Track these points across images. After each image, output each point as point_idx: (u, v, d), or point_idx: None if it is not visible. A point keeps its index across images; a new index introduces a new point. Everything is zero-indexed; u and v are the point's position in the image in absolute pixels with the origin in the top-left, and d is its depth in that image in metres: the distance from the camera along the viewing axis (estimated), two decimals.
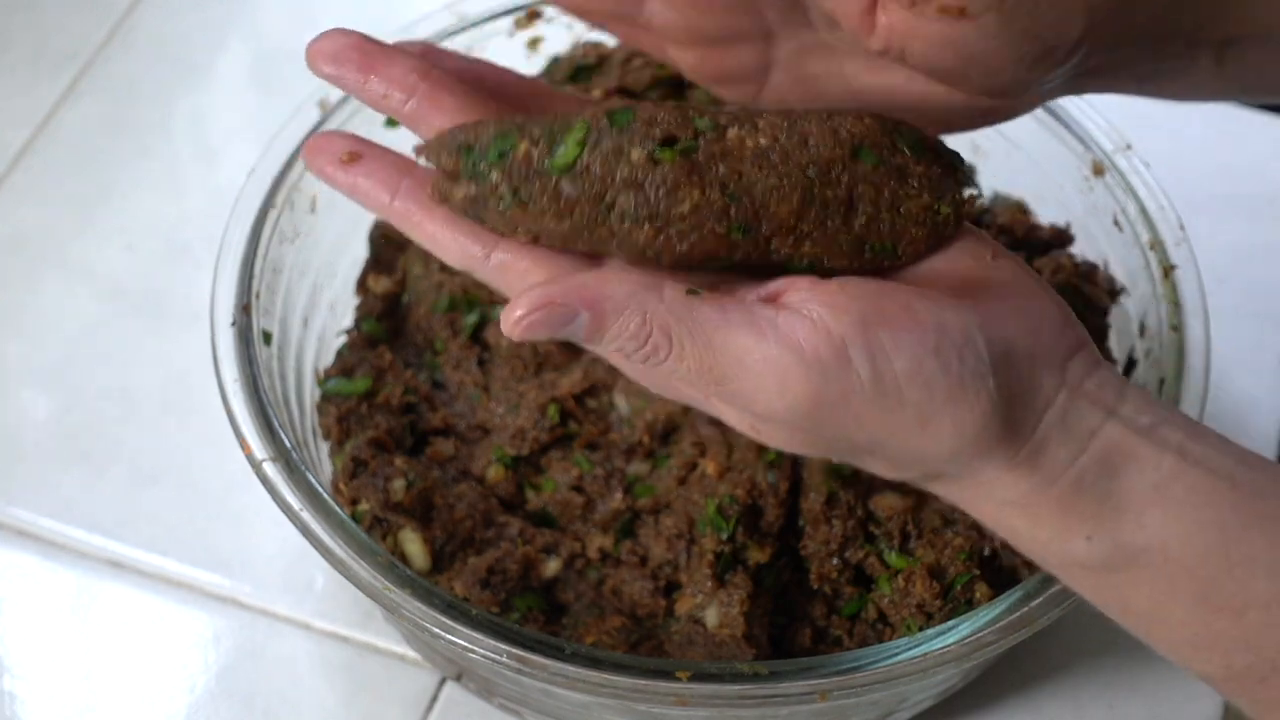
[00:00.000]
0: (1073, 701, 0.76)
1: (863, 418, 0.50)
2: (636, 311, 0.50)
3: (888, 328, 0.50)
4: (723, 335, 0.50)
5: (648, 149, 0.52)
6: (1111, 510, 0.52)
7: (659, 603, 0.70)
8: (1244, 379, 0.87)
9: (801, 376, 0.50)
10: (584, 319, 0.50)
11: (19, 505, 0.82)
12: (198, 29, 1.04)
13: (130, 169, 0.96)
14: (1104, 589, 0.53)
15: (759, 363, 0.50)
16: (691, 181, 0.52)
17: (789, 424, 0.51)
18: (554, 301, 0.50)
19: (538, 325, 0.50)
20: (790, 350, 0.50)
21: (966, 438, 0.51)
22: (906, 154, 0.54)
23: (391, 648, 0.78)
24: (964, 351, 0.51)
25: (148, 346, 0.88)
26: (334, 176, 0.54)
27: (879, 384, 0.50)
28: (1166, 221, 0.74)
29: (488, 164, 0.52)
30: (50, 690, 0.77)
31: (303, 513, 0.65)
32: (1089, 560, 0.52)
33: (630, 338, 0.50)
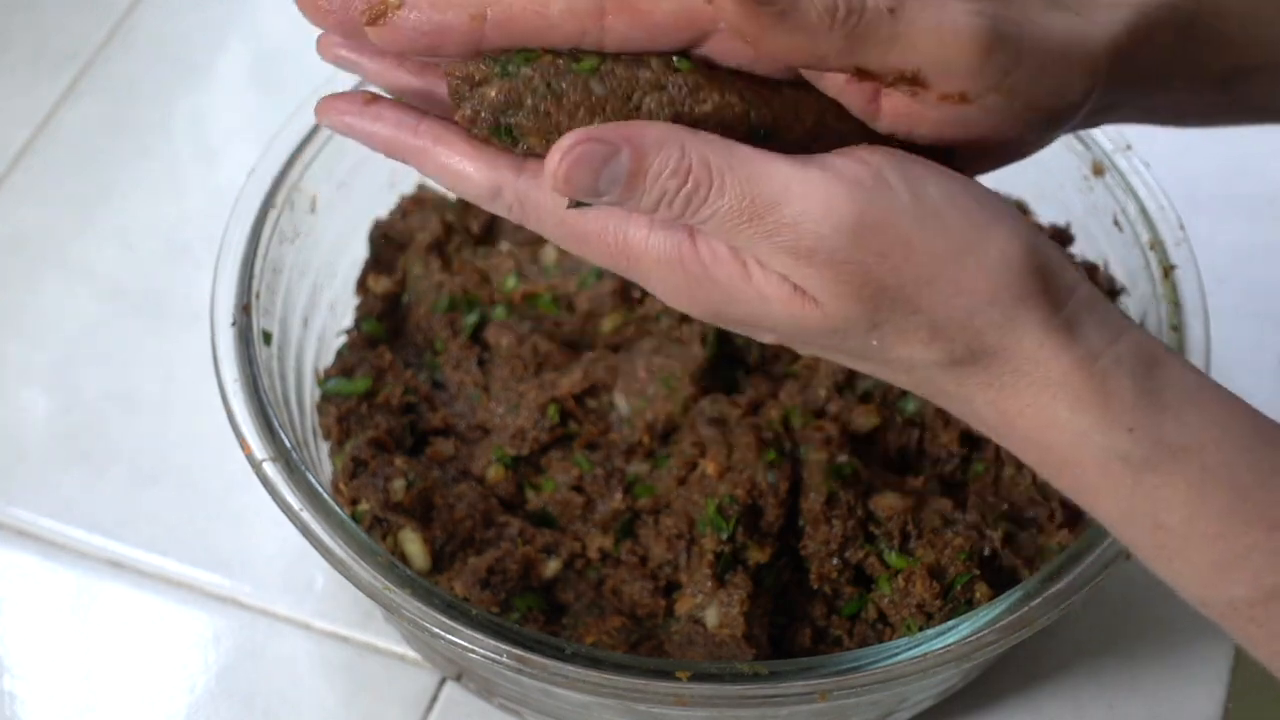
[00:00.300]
0: (1073, 701, 0.76)
1: (909, 240, 0.50)
2: (675, 145, 0.50)
3: (919, 164, 0.51)
4: (763, 165, 0.50)
5: (664, 58, 0.52)
6: (1152, 404, 0.51)
7: (659, 603, 0.70)
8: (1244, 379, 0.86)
9: (845, 194, 0.50)
10: (625, 156, 0.50)
11: (19, 505, 0.82)
12: (198, 29, 1.04)
13: (130, 169, 0.96)
14: (1139, 495, 0.52)
15: (802, 185, 0.50)
16: (711, 84, 0.52)
17: (835, 254, 0.50)
18: (594, 137, 0.50)
19: (580, 163, 0.50)
20: (832, 173, 0.50)
21: (1012, 269, 0.51)
22: None
23: (391, 648, 0.78)
24: (991, 196, 0.52)
25: (148, 346, 0.88)
26: (352, 124, 0.54)
27: (920, 204, 0.50)
28: (1166, 221, 0.74)
29: (517, 65, 0.52)
30: (50, 690, 0.77)
31: (303, 513, 0.65)
32: (1131, 454, 0.51)
33: (671, 174, 0.50)
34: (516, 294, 0.78)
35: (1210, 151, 0.98)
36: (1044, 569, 0.65)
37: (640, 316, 0.76)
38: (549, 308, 0.77)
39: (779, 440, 0.71)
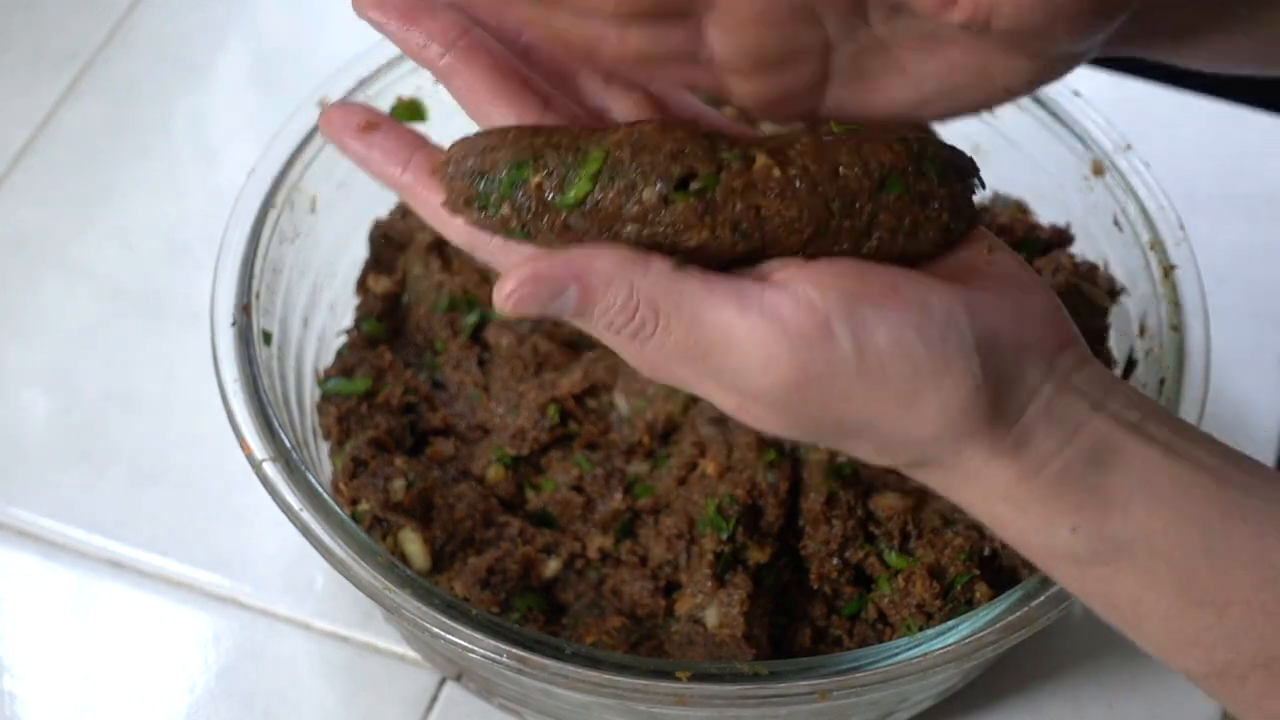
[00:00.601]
0: (1073, 701, 0.76)
1: (848, 393, 0.51)
2: (623, 284, 0.51)
3: (871, 303, 0.51)
4: (709, 309, 0.51)
5: (661, 191, 0.52)
6: (1097, 502, 0.52)
7: (659, 603, 0.70)
8: (1244, 379, 0.87)
9: (786, 350, 0.50)
10: (573, 292, 0.51)
11: (19, 505, 0.82)
12: (198, 29, 1.04)
13: (130, 169, 0.96)
14: (1088, 582, 0.53)
15: (744, 337, 0.50)
16: (703, 223, 0.52)
17: (776, 401, 0.51)
18: (542, 275, 0.51)
19: (528, 299, 0.51)
20: (775, 324, 0.50)
21: (951, 416, 0.51)
22: (932, 179, 0.54)
23: (391, 648, 0.78)
24: (947, 331, 0.51)
25: (148, 346, 0.88)
26: (348, 145, 0.55)
27: (862, 358, 0.50)
28: (1166, 221, 0.74)
29: (499, 196, 0.52)
30: (50, 690, 0.77)
31: (303, 513, 0.65)
32: (1074, 552, 0.52)
33: (619, 311, 0.51)
34: None
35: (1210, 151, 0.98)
36: None
37: None
38: None
39: (779, 440, 0.71)
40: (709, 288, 0.51)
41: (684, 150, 0.52)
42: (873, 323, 0.50)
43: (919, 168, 0.54)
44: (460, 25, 0.55)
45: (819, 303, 0.50)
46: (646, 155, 0.52)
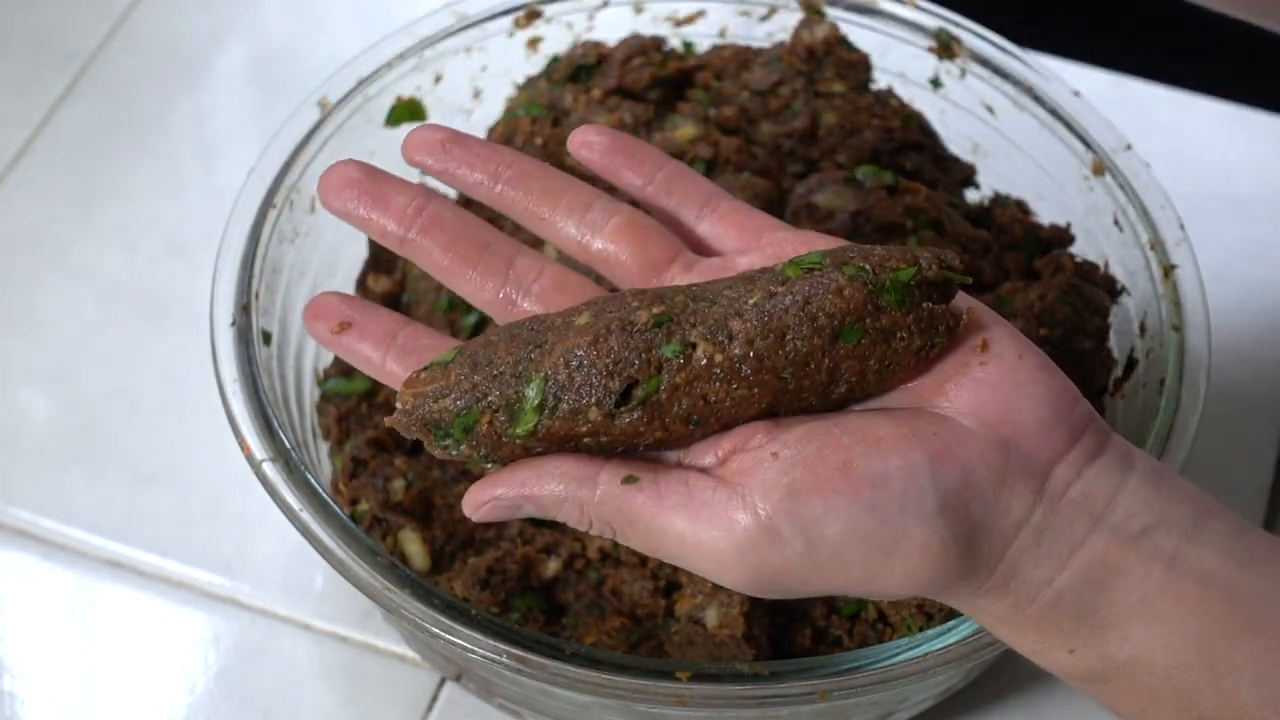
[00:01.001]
0: (1073, 702, 0.76)
1: (808, 581, 0.51)
2: (573, 506, 0.53)
3: (820, 495, 0.50)
4: (659, 523, 0.52)
5: (606, 409, 0.52)
6: (1094, 626, 0.51)
7: (659, 603, 0.70)
8: (1244, 379, 0.87)
9: (736, 558, 0.51)
10: (529, 508, 0.53)
11: (19, 505, 0.82)
12: (198, 29, 1.04)
13: (130, 169, 0.96)
14: (1090, 692, 0.54)
15: (694, 547, 0.51)
16: (652, 427, 0.52)
17: (743, 589, 0.52)
18: (499, 499, 0.53)
19: (490, 514, 0.54)
20: (724, 534, 0.51)
21: (921, 581, 0.51)
22: (894, 312, 0.52)
23: (391, 648, 0.78)
24: (905, 500, 0.50)
25: (148, 346, 0.88)
26: (328, 341, 0.57)
27: (814, 553, 0.50)
28: (1166, 221, 0.74)
29: (455, 441, 0.53)
30: (50, 690, 0.77)
31: (303, 513, 0.65)
32: (1074, 671, 0.53)
33: (575, 523, 0.53)
34: None
35: (1210, 151, 0.98)
36: None
37: None
38: None
39: None
40: (658, 501, 0.52)
41: (620, 361, 0.52)
42: (821, 516, 0.50)
43: (876, 305, 0.52)
44: (417, 204, 0.57)
45: (762, 506, 0.50)
46: (583, 375, 0.52)
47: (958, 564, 0.51)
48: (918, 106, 0.83)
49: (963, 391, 0.52)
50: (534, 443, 0.53)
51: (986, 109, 0.81)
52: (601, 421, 0.52)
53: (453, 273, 0.57)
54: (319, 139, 0.76)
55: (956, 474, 0.50)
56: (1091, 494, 0.51)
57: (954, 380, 0.52)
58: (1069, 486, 0.51)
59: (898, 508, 0.50)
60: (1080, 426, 0.52)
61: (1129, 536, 0.51)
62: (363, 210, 0.57)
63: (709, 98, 0.81)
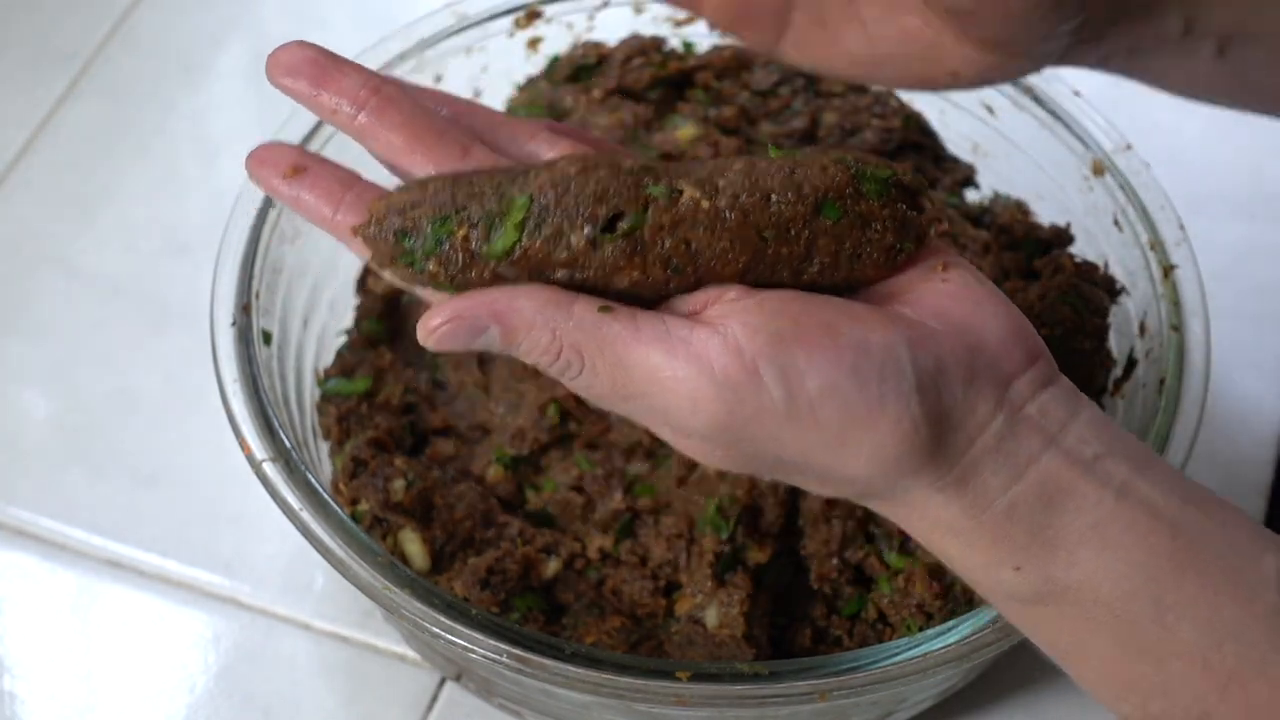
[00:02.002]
0: (1073, 701, 0.76)
1: (779, 436, 0.50)
2: (545, 329, 0.51)
3: (803, 346, 0.50)
4: (634, 353, 0.50)
5: (588, 234, 0.51)
6: (1044, 544, 0.51)
7: (659, 603, 0.70)
8: (1244, 379, 0.87)
9: (713, 395, 0.50)
10: (495, 332, 0.51)
11: (19, 505, 0.82)
12: (198, 29, 1.04)
13: (130, 169, 0.96)
14: (1031, 620, 0.53)
15: (670, 380, 0.50)
16: (632, 264, 0.52)
17: (708, 438, 0.51)
18: (464, 315, 0.51)
19: (448, 336, 0.51)
20: (701, 369, 0.50)
21: (885, 458, 0.51)
22: (872, 201, 0.53)
23: (391, 648, 0.78)
24: (885, 371, 0.50)
25: (148, 346, 0.88)
26: (277, 189, 0.55)
27: (792, 403, 0.50)
28: (1166, 221, 0.74)
29: (425, 253, 0.52)
30: (50, 690, 0.77)
31: (303, 513, 0.65)
32: (1017, 591, 0.52)
33: (542, 353, 0.51)
34: None
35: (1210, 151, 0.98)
36: None
37: None
38: None
39: None
40: (634, 331, 0.51)
41: (608, 190, 0.51)
42: (804, 367, 0.50)
43: (857, 189, 0.53)
44: (371, 84, 0.55)
45: (747, 346, 0.50)
46: (571, 198, 0.51)
47: (924, 448, 0.50)
48: (917, 106, 0.83)
49: (926, 299, 0.53)
50: (507, 268, 0.51)
51: (986, 109, 0.81)
52: (582, 249, 0.51)
53: (405, 152, 0.54)
54: (319, 139, 0.76)
55: (931, 360, 0.51)
56: (1047, 414, 0.52)
57: (917, 289, 0.53)
58: (1026, 403, 0.52)
59: (878, 377, 0.50)
60: (1035, 353, 0.53)
61: (1081, 460, 0.52)
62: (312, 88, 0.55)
63: (709, 98, 0.81)
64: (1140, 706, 0.52)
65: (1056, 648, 0.53)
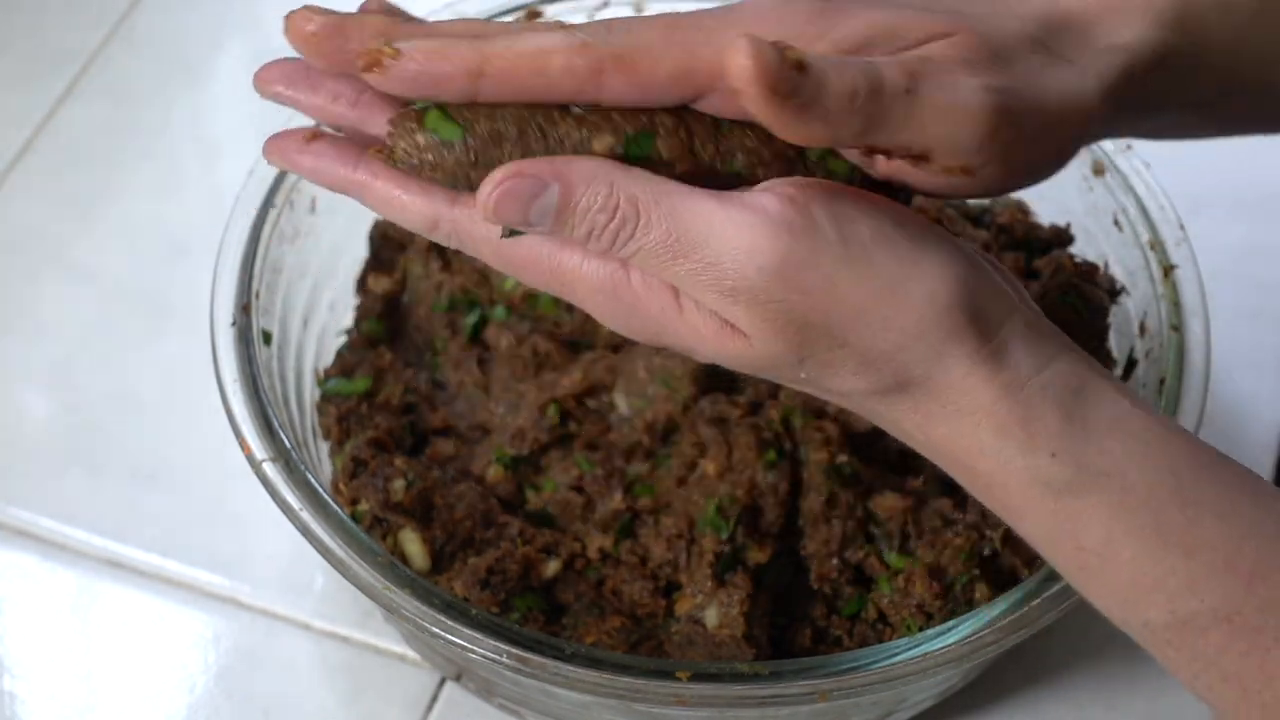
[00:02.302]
0: (1073, 701, 0.76)
1: (834, 280, 0.50)
2: (604, 182, 0.51)
3: (850, 202, 0.51)
4: (689, 204, 0.51)
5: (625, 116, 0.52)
6: (1076, 430, 0.52)
7: (659, 603, 0.70)
8: (1244, 379, 0.87)
9: (770, 234, 0.50)
10: (553, 191, 0.51)
11: (19, 505, 0.82)
12: (198, 29, 1.04)
13: (130, 169, 0.96)
14: (1060, 517, 0.53)
15: (726, 225, 0.50)
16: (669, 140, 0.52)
17: (758, 298, 0.51)
18: (524, 172, 0.51)
19: (508, 196, 0.51)
20: (758, 214, 0.50)
21: (938, 305, 0.51)
22: None
23: (391, 648, 0.78)
24: (926, 230, 0.52)
25: (148, 346, 0.88)
26: (296, 160, 0.55)
27: (846, 243, 0.50)
28: (1166, 221, 0.74)
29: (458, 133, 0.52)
30: (50, 690, 0.77)
31: (303, 513, 0.65)
32: (1052, 479, 0.52)
33: (599, 210, 0.51)
34: (516, 294, 0.78)
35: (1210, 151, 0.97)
36: (1044, 569, 0.65)
37: None
38: (549, 308, 0.77)
39: (779, 440, 0.71)
40: (688, 188, 0.51)
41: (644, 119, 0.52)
42: (854, 214, 0.51)
43: None
44: (356, 87, 0.55)
45: (799, 196, 0.51)
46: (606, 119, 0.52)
47: (971, 301, 0.51)
48: None
49: None
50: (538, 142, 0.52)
51: None
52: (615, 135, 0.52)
53: None
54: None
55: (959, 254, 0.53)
56: (1054, 330, 0.54)
57: None
58: (1037, 317, 0.54)
59: (921, 230, 0.52)
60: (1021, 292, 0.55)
61: (1094, 369, 0.53)
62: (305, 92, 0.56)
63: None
64: (1168, 608, 0.52)
65: (1085, 552, 0.53)
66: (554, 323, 0.77)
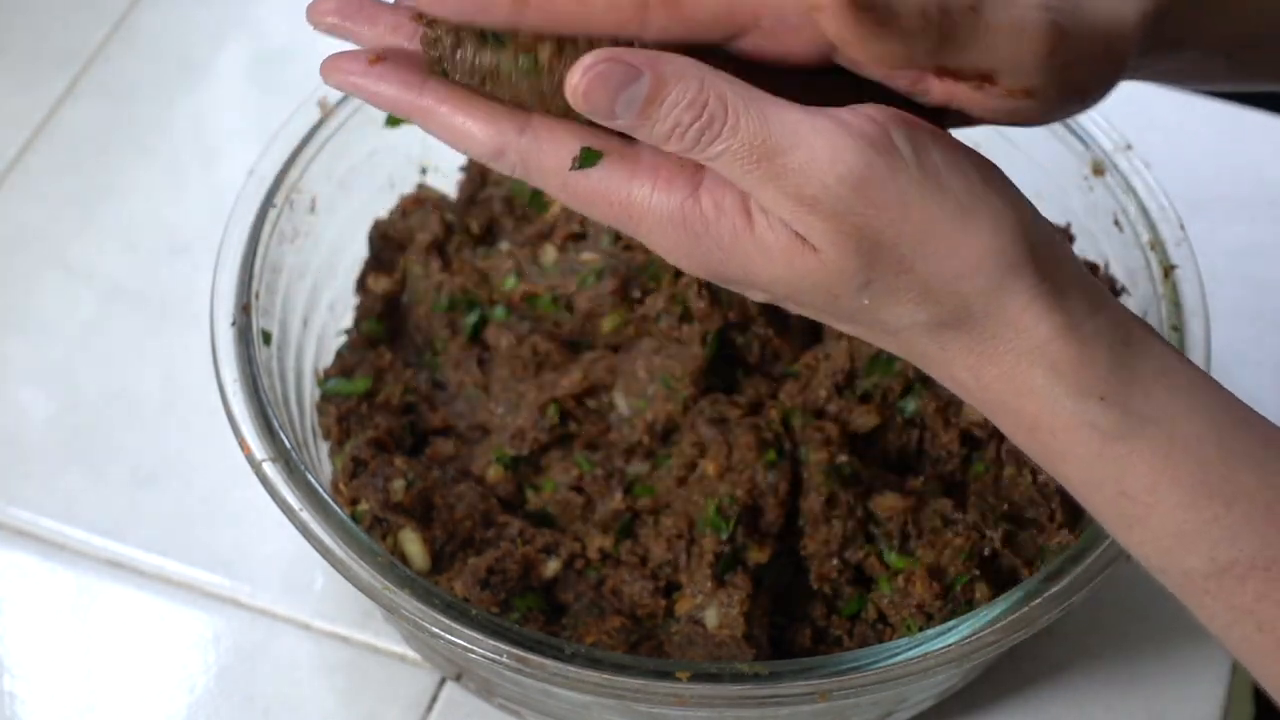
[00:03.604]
0: (1073, 701, 0.76)
1: (908, 198, 0.51)
2: (695, 78, 0.51)
3: (923, 129, 0.52)
4: (777, 109, 0.51)
5: None
6: (1124, 376, 0.52)
7: (659, 603, 0.70)
8: (1244, 379, 0.87)
9: (852, 147, 0.50)
10: (645, 81, 0.50)
11: (19, 505, 0.82)
12: (198, 29, 1.04)
13: (130, 169, 0.96)
14: (1106, 460, 0.53)
15: (812, 132, 0.50)
16: None
17: (840, 207, 0.51)
18: (619, 58, 0.50)
19: (600, 80, 0.50)
20: (841, 125, 0.51)
21: (1004, 236, 0.52)
22: None
23: (391, 648, 0.78)
24: (989, 168, 0.53)
25: (148, 346, 0.88)
26: (358, 84, 0.55)
27: (921, 165, 0.51)
28: (1166, 221, 0.74)
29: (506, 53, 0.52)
30: (50, 690, 0.77)
31: (303, 513, 0.65)
32: (1100, 422, 0.52)
33: (688, 106, 0.51)
34: (516, 294, 0.78)
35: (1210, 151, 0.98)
36: (1044, 569, 0.65)
37: (640, 316, 0.76)
38: (549, 308, 0.77)
39: (779, 440, 0.71)
40: (774, 96, 0.51)
41: None
42: (928, 142, 0.52)
43: None
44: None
45: (879, 117, 0.51)
46: None
47: (1029, 240, 0.52)
48: None
49: None
50: None
51: None
52: None
53: None
54: (319, 139, 0.76)
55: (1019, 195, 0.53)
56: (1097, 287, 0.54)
57: None
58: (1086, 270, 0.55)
59: (988, 166, 0.53)
60: None
61: (1140, 322, 0.54)
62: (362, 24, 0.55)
63: None
64: (1208, 556, 0.52)
65: (1128, 498, 0.53)
66: (554, 323, 0.77)
